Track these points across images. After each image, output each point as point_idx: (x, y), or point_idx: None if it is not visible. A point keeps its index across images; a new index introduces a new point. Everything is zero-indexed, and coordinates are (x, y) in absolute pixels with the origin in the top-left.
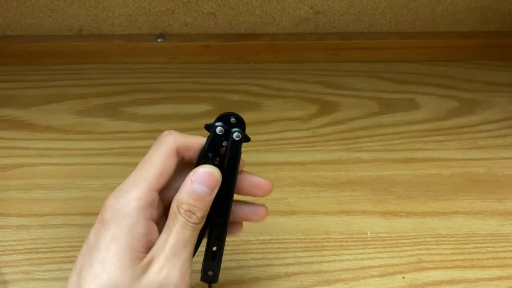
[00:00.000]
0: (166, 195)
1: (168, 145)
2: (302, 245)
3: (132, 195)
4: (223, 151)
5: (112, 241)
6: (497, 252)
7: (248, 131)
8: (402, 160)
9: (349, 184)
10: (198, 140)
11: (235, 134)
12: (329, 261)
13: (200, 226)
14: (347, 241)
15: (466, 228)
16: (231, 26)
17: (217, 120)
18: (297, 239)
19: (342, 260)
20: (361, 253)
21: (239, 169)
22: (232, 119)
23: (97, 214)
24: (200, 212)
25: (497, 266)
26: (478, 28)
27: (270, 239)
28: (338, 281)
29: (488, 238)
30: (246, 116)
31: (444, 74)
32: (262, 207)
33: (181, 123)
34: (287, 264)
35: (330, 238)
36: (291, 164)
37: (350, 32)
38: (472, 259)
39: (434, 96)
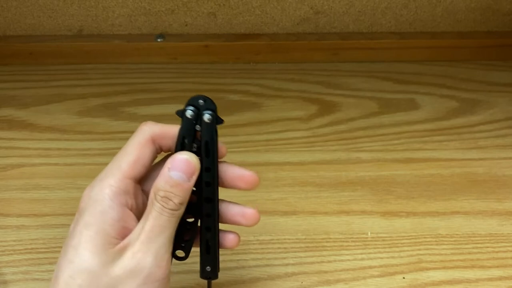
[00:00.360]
0: (148, 187)
1: (143, 134)
2: (302, 245)
3: (105, 182)
4: (199, 136)
5: (85, 227)
6: (497, 252)
7: (248, 131)
8: (402, 160)
9: (349, 184)
10: (174, 128)
11: (205, 116)
12: (329, 261)
13: (178, 213)
14: (347, 241)
15: (466, 228)
16: (231, 26)
17: (186, 105)
18: (297, 239)
19: (342, 260)
20: (361, 253)
21: (220, 155)
22: (201, 101)
23: None
24: (177, 199)
25: (497, 266)
26: (478, 28)
27: (270, 239)
28: (338, 281)
29: (488, 238)
30: (246, 116)
31: (444, 74)
32: (251, 209)
33: None
34: (287, 264)
35: (330, 238)
36: (291, 164)
37: (350, 32)
38: (472, 259)
39: (434, 96)
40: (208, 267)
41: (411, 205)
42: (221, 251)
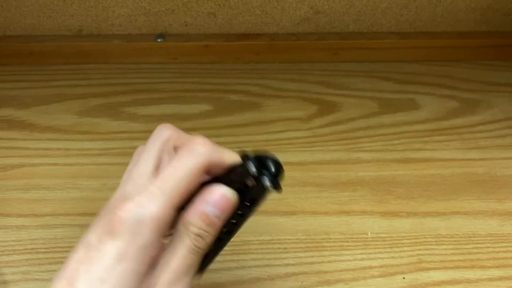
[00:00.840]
0: None
1: (200, 159)
2: (302, 245)
3: (148, 209)
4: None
5: (119, 260)
6: (497, 252)
7: (248, 131)
8: (402, 160)
9: (349, 184)
10: (230, 159)
11: (266, 181)
12: (329, 261)
13: (205, 251)
14: (347, 241)
15: (466, 228)
16: (231, 26)
17: (255, 158)
18: (297, 239)
19: (342, 261)
20: (361, 253)
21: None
22: (270, 162)
23: (97, 214)
24: (210, 238)
25: (497, 267)
26: (478, 28)
27: (270, 239)
28: (338, 281)
29: (488, 238)
30: (246, 116)
31: (444, 74)
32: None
33: (181, 123)
34: (287, 265)
35: (330, 238)
36: (291, 164)
37: (350, 32)
38: (472, 259)
39: (434, 96)
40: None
41: (411, 205)
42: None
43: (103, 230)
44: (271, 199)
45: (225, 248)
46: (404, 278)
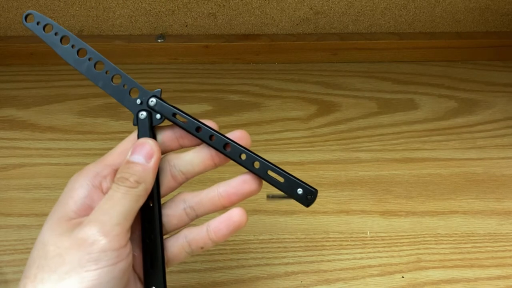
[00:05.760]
0: None
1: (134, 135)
2: (302, 244)
3: (88, 167)
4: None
5: (56, 204)
6: (496, 251)
7: (248, 131)
8: (401, 160)
9: (349, 184)
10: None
11: (150, 101)
12: (329, 261)
13: (134, 192)
14: (346, 241)
15: (465, 228)
16: (231, 27)
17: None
18: (296, 238)
19: (341, 260)
20: (361, 253)
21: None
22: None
23: None
24: (133, 177)
25: (496, 266)
26: (476, 29)
27: (270, 239)
28: (337, 280)
29: (487, 237)
30: (246, 116)
31: (443, 74)
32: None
33: None
34: (287, 264)
35: (330, 238)
36: (291, 164)
37: (350, 33)
38: (471, 259)
39: (433, 96)
40: (299, 189)
41: (410, 204)
42: (221, 251)
43: None
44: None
45: (225, 247)
46: (403, 277)
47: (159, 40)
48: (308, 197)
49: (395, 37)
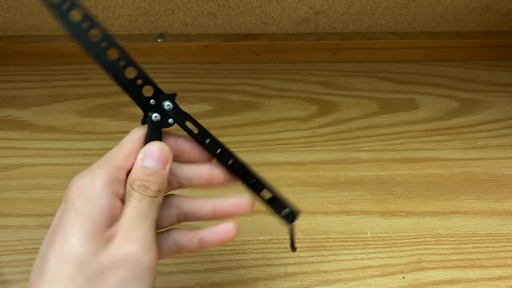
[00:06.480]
0: None
1: (138, 131)
2: (302, 245)
3: (97, 171)
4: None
5: (76, 215)
6: (496, 252)
7: (248, 131)
8: (402, 160)
9: (349, 184)
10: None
11: (166, 104)
12: (329, 261)
13: (157, 201)
14: (347, 241)
15: (465, 228)
16: (231, 26)
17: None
18: (297, 239)
19: (342, 260)
20: (361, 253)
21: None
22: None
23: None
24: (155, 186)
25: (497, 266)
26: (477, 28)
27: (270, 239)
28: (338, 281)
29: (487, 238)
30: (246, 116)
31: (443, 74)
32: (246, 198)
33: None
34: (287, 264)
35: (330, 238)
36: (291, 164)
37: (350, 32)
38: (471, 259)
39: (433, 96)
40: (286, 209)
41: (411, 205)
42: (221, 251)
43: (62, 203)
44: None
45: (225, 248)
46: (403, 277)
47: (158, 40)
48: (291, 217)
49: (395, 36)
